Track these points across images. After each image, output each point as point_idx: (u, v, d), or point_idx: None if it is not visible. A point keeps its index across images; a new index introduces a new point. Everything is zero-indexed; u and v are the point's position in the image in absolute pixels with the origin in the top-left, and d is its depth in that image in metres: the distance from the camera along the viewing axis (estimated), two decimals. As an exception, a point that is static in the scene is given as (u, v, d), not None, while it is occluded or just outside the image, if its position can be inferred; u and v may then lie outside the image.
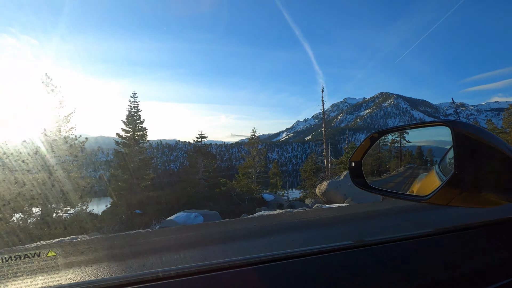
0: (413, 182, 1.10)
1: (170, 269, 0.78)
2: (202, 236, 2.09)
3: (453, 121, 0.85)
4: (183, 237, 2.08)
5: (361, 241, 0.96)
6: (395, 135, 1.19)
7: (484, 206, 0.83)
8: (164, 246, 1.74)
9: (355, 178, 1.21)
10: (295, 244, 1.45)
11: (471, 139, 0.81)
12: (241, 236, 1.88)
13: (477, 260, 0.84)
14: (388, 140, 1.24)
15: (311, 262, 0.83)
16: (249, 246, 1.49)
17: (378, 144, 1.21)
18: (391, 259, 0.87)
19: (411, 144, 1.18)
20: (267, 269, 0.79)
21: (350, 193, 13.20)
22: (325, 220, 2.39)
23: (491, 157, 0.79)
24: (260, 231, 1.91)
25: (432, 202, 0.84)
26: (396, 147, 1.22)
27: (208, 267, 0.78)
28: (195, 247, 1.54)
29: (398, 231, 1.53)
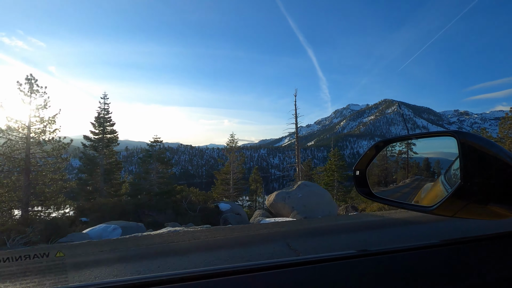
0: (418, 193, 1.10)
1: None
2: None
3: (460, 131, 0.85)
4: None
5: (365, 251, 0.95)
6: (403, 146, 1.19)
7: (491, 218, 0.82)
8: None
9: (359, 187, 1.20)
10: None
11: (477, 150, 0.81)
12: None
13: (482, 274, 0.83)
14: (395, 151, 1.24)
15: (312, 270, 0.83)
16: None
17: (384, 153, 1.21)
18: (394, 270, 0.86)
19: (418, 155, 1.18)
20: (265, 277, 0.79)
21: (299, 206, 11.28)
22: (194, 247, 2.18)
23: (499, 169, 0.79)
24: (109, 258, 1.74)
25: (438, 213, 0.84)
26: (403, 158, 1.22)
27: (198, 274, 0.78)
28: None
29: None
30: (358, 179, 1.21)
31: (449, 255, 0.95)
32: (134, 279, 0.75)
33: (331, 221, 5.94)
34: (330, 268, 0.84)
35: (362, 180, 1.21)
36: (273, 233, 3.63)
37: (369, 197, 1.19)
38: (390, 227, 5.76)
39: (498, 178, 0.78)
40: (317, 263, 0.86)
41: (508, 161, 0.79)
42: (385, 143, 1.20)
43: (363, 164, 1.20)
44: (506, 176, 0.79)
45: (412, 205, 1.07)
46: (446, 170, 0.98)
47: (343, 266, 0.86)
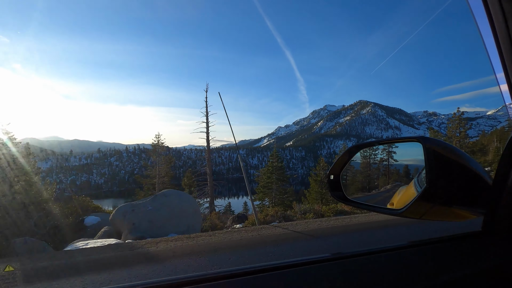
0: (394, 195, 1.14)
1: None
2: None
3: (424, 137, 0.89)
4: None
5: (339, 253, 0.97)
6: (384, 154, 1.22)
7: (454, 220, 0.86)
8: None
9: (334, 191, 1.22)
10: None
11: (441, 155, 0.84)
12: None
13: (447, 272, 0.87)
14: (377, 159, 1.27)
15: (287, 274, 0.83)
16: None
17: (367, 161, 1.25)
18: (365, 272, 0.88)
19: (399, 163, 1.21)
20: (238, 283, 0.79)
21: (143, 222, 8.81)
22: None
23: (460, 173, 0.82)
24: None
25: (406, 215, 0.86)
26: (384, 165, 1.25)
27: (182, 281, 0.77)
28: None
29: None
30: (332, 184, 1.23)
31: (416, 256, 0.98)
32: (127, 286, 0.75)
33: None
34: (305, 271, 0.85)
35: (336, 185, 1.23)
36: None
37: (343, 201, 1.21)
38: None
39: (460, 182, 0.82)
40: (292, 267, 0.86)
41: (469, 165, 0.83)
42: (357, 148, 1.23)
43: (337, 169, 1.22)
44: (467, 179, 0.83)
45: (382, 208, 1.10)
46: (418, 174, 1.02)
47: (318, 269, 0.87)
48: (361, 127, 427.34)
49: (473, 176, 0.83)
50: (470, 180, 0.84)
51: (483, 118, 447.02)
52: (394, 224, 3.34)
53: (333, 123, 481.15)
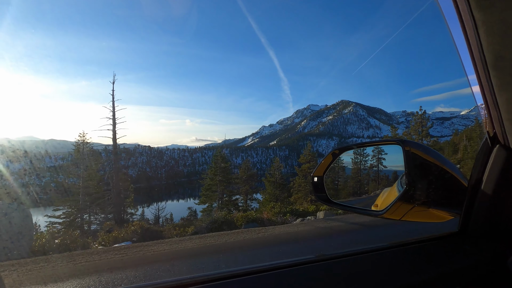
0: (378, 197, 1.16)
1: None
2: None
3: (404, 140, 0.91)
4: None
5: (322, 255, 0.98)
6: (374, 160, 1.24)
7: (433, 220, 0.89)
8: None
9: (317, 193, 1.23)
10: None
11: (419, 157, 0.86)
12: None
13: (424, 272, 0.89)
14: (367, 165, 1.29)
15: (271, 277, 0.83)
16: None
17: (357, 167, 1.27)
18: (347, 273, 0.89)
19: (388, 169, 1.22)
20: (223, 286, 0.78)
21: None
22: None
23: (438, 175, 0.85)
24: None
25: (387, 216, 0.88)
26: (374, 171, 1.27)
27: (172, 284, 0.77)
28: None
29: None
30: (316, 185, 1.24)
31: (396, 257, 1.00)
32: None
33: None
34: (288, 274, 0.85)
35: (319, 186, 1.24)
36: None
37: (326, 203, 1.22)
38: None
39: (438, 183, 0.85)
40: (275, 269, 0.86)
41: (445, 167, 0.86)
42: (340, 151, 1.24)
43: (321, 171, 1.23)
44: (444, 181, 0.86)
45: (364, 209, 1.12)
46: (401, 176, 1.04)
47: (301, 271, 0.87)
48: (343, 127, 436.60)
49: (449, 178, 0.86)
50: (447, 182, 0.86)
51: (458, 118, 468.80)
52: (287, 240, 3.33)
53: (316, 122, 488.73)
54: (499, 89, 0.67)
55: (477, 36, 0.61)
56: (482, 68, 0.68)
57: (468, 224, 0.95)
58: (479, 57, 0.66)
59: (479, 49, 0.63)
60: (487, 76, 0.68)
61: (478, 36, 0.61)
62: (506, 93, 0.67)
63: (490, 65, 0.65)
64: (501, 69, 0.63)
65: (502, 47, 0.60)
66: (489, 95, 0.73)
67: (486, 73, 0.67)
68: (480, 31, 0.60)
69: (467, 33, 0.63)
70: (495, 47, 0.61)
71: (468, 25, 0.60)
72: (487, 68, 0.66)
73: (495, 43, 0.61)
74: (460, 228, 0.98)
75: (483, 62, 0.66)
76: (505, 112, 0.70)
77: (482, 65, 0.67)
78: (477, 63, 0.67)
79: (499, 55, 0.61)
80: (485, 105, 0.77)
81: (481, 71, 0.69)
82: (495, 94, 0.69)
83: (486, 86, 0.72)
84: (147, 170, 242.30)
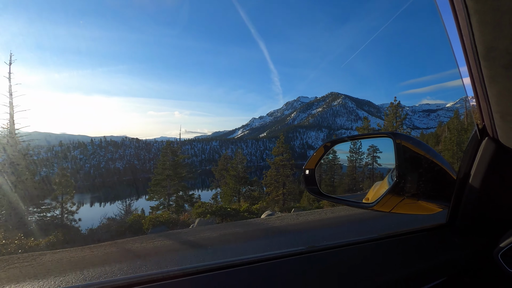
0: (369, 191, 1.16)
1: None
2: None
3: (395, 133, 0.91)
4: None
5: (313, 247, 0.99)
6: (369, 159, 1.23)
7: (422, 212, 0.89)
8: None
9: (309, 186, 1.23)
10: None
11: (410, 150, 0.86)
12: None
13: (412, 264, 0.90)
14: (362, 163, 1.29)
15: (262, 268, 0.84)
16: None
17: (353, 165, 1.27)
18: (338, 264, 0.90)
19: (382, 166, 1.21)
20: (208, 278, 0.79)
21: None
22: None
23: (428, 168, 0.85)
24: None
25: (377, 209, 0.89)
26: (369, 168, 1.27)
27: (176, 273, 0.78)
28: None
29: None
30: (308, 178, 1.23)
31: (387, 248, 1.01)
32: (126, 278, 0.75)
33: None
34: (279, 265, 0.86)
35: (311, 179, 1.23)
36: None
37: (317, 196, 1.22)
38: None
39: (427, 176, 0.85)
40: (266, 261, 0.87)
41: (435, 160, 0.86)
42: (332, 143, 1.24)
43: (312, 163, 1.23)
44: (433, 174, 0.86)
45: (355, 202, 1.13)
46: (392, 170, 1.05)
47: (292, 262, 0.88)
48: (332, 118, 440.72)
49: (439, 171, 0.86)
50: (436, 175, 0.87)
51: (443, 110, 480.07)
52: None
53: (305, 114, 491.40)
54: (490, 80, 0.67)
55: (469, 25, 0.60)
56: (473, 59, 0.67)
57: (456, 216, 0.96)
58: (470, 47, 0.65)
59: (471, 39, 0.62)
60: (478, 68, 0.67)
61: (471, 26, 0.60)
62: (497, 85, 0.66)
63: (482, 55, 0.64)
64: (493, 60, 0.62)
65: (494, 37, 0.59)
66: (479, 87, 0.72)
67: (477, 64, 0.67)
68: (473, 20, 0.59)
69: (459, 22, 0.61)
70: (487, 37, 0.60)
71: (460, 15, 0.59)
72: (479, 59, 0.65)
73: (487, 33, 0.60)
74: (448, 220, 0.99)
75: (475, 53, 0.65)
76: (495, 105, 0.70)
77: (473, 56, 0.66)
78: (469, 54, 0.66)
79: (491, 45, 0.60)
80: (475, 97, 0.76)
81: (472, 62, 0.69)
82: (486, 86, 0.68)
83: (477, 78, 0.71)
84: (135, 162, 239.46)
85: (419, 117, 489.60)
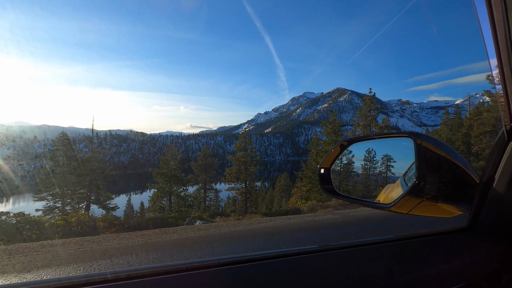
0: (380, 193, 1.13)
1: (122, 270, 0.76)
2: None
3: (416, 133, 0.88)
4: None
5: (326, 245, 0.98)
6: (383, 167, 1.20)
7: (441, 215, 0.86)
8: None
9: (324, 185, 1.20)
10: None
11: (431, 151, 0.83)
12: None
13: (432, 266, 0.88)
14: (376, 172, 1.25)
15: (276, 265, 0.84)
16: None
17: (367, 173, 1.25)
18: (352, 263, 0.89)
19: (396, 175, 1.18)
20: (225, 272, 0.80)
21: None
22: None
23: (449, 169, 0.82)
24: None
25: (394, 210, 0.87)
26: (383, 177, 1.23)
27: (178, 267, 0.78)
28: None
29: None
30: (323, 177, 1.21)
31: (402, 250, 0.99)
32: (126, 271, 0.75)
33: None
34: (293, 262, 0.86)
35: (326, 178, 1.21)
36: None
37: (332, 195, 1.21)
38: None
39: (448, 178, 0.82)
40: (280, 257, 0.87)
41: (457, 162, 0.82)
42: (349, 142, 1.21)
43: (328, 162, 1.21)
44: (454, 176, 0.83)
45: (371, 202, 1.10)
46: (406, 171, 1.02)
47: (305, 260, 0.88)
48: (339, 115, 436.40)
49: (460, 173, 0.83)
50: (458, 177, 0.83)
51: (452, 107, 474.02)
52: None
53: (311, 110, 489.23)
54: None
55: (505, 18, 0.56)
56: (506, 55, 0.63)
57: (478, 219, 0.93)
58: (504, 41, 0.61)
59: (506, 32, 0.59)
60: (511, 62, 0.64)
61: (507, 19, 0.57)
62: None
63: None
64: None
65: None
66: (510, 83, 0.68)
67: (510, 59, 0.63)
68: (510, 13, 0.56)
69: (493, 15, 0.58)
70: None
71: (496, 7, 0.56)
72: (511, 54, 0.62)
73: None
74: (469, 223, 0.96)
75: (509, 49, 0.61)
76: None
77: (507, 52, 0.63)
78: (501, 50, 0.63)
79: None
80: (504, 95, 0.72)
81: (505, 59, 0.65)
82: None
83: (508, 73, 0.67)
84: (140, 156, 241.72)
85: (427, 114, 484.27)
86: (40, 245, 4.96)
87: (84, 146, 18.29)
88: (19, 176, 18.22)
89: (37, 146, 19.01)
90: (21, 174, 17.82)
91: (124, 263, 3.85)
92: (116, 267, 3.71)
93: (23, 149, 16.58)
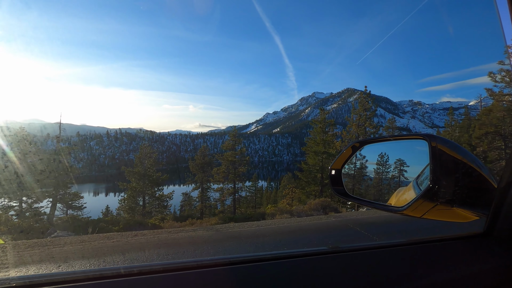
0: (392, 196, 1.12)
1: (133, 266, 0.77)
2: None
3: (431, 135, 0.86)
4: None
5: (336, 247, 0.97)
6: (396, 171, 1.18)
7: (456, 220, 0.84)
8: None
9: (334, 186, 1.19)
10: None
11: (446, 154, 0.81)
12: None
13: (447, 272, 0.86)
14: (389, 176, 1.23)
15: (285, 265, 0.83)
16: None
17: (379, 177, 1.23)
18: (362, 266, 0.87)
19: (409, 180, 1.16)
20: (236, 270, 0.80)
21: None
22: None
23: (465, 173, 0.80)
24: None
25: (407, 213, 0.85)
26: (395, 181, 1.21)
27: (177, 266, 0.78)
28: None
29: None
30: (334, 179, 1.19)
31: (415, 254, 0.97)
32: (129, 267, 0.75)
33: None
34: (302, 263, 0.85)
35: (337, 180, 1.19)
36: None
37: (343, 197, 1.19)
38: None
39: (464, 182, 0.80)
40: (289, 258, 0.87)
41: (474, 165, 0.80)
42: (361, 144, 1.19)
43: (339, 163, 1.19)
44: (471, 180, 0.81)
45: (383, 205, 1.08)
46: (418, 174, 1.00)
47: (315, 261, 0.87)
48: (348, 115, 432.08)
49: (477, 177, 0.81)
50: (474, 181, 0.81)
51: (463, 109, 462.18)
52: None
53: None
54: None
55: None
56: None
57: (495, 225, 0.90)
58: None
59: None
60: None
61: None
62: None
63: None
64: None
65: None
66: None
67: None
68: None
69: None
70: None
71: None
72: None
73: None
74: (486, 229, 0.94)
75: None
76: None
77: None
78: None
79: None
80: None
81: None
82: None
83: None
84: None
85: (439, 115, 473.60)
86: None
87: (95, 144, 17.83)
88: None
89: (49, 143, 18.76)
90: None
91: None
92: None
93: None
